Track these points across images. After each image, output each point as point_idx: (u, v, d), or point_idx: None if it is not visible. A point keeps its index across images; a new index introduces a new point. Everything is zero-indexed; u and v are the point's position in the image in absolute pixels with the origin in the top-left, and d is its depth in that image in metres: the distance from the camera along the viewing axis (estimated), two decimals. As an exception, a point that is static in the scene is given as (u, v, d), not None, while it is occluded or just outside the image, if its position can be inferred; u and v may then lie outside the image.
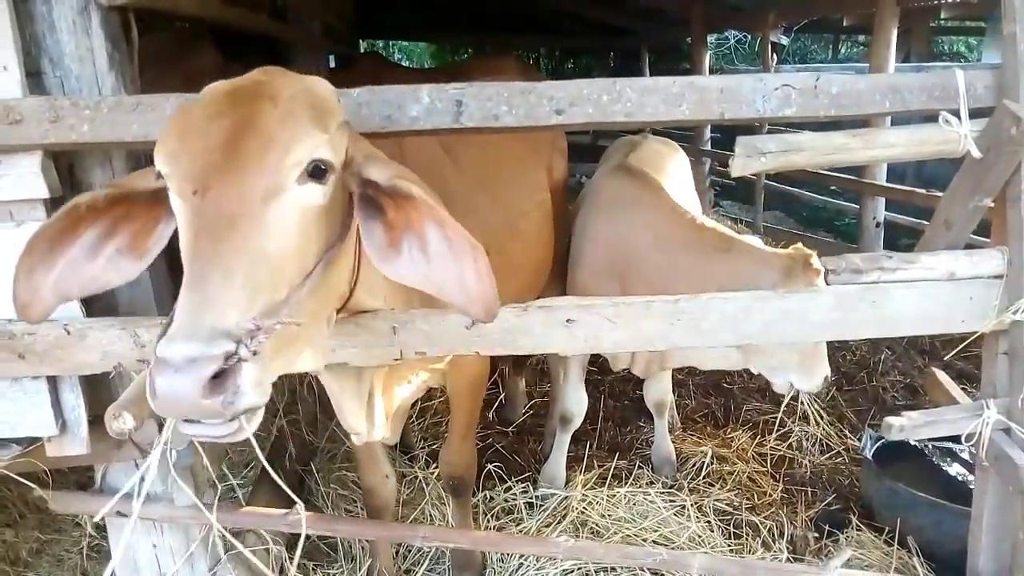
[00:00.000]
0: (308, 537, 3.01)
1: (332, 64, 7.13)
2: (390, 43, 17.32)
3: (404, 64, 16.32)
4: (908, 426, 2.24)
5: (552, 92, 1.96)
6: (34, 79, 1.94)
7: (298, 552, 2.13)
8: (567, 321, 2.05)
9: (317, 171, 1.45)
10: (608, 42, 13.23)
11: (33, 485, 1.96)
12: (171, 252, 1.53)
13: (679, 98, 1.99)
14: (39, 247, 1.60)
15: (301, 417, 3.21)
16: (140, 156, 2.07)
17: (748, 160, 2.08)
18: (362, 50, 11.14)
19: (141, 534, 2.25)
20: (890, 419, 2.27)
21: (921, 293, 2.12)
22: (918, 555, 2.85)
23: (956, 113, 2.04)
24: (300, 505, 2.24)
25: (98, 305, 2.01)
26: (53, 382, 1.99)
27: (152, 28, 2.52)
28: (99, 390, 2.05)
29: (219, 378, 1.19)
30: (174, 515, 2.16)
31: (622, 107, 1.98)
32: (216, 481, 2.28)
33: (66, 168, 2.00)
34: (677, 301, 2.07)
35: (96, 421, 2.03)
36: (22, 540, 2.94)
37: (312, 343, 1.66)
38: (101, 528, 2.78)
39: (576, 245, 3.28)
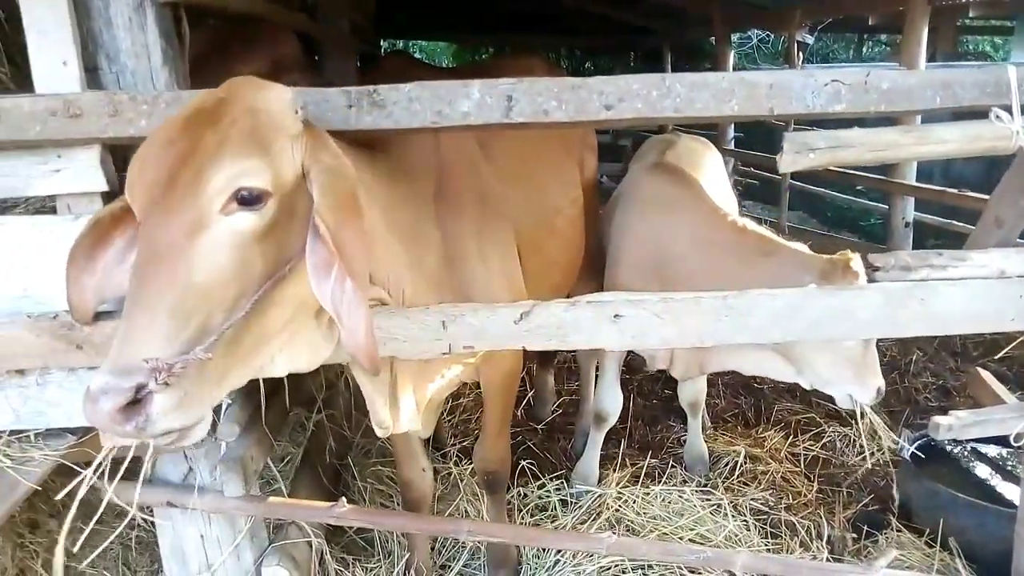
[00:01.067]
0: (347, 531, 3.04)
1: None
2: (409, 43, 17.37)
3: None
4: (957, 425, 2.23)
5: (602, 87, 1.96)
6: (91, 75, 1.98)
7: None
8: (615, 316, 2.05)
9: (248, 198, 1.47)
10: (629, 42, 13.20)
11: (88, 473, 1.98)
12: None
13: (729, 93, 1.98)
14: (79, 255, 1.70)
15: (341, 411, 3.23)
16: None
17: (797, 156, 2.07)
18: (383, 50, 11.20)
19: (189, 525, 2.28)
20: (938, 418, 2.26)
21: (971, 291, 2.10)
22: (960, 556, 2.83)
23: (1008, 109, 2.03)
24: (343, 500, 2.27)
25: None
26: (108, 373, 2.01)
27: (198, 24, 2.58)
28: (152, 381, 2.07)
29: (133, 406, 1.32)
30: (222, 506, 2.19)
31: (672, 102, 1.98)
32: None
33: (121, 161, 2.03)
34: (725, 297, 2.07)
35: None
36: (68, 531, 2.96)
37: (300, 346, 1.74)
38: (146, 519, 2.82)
39: (614, 243, 3.27)
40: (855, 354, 2.69)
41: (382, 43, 11.85)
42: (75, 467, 2.00)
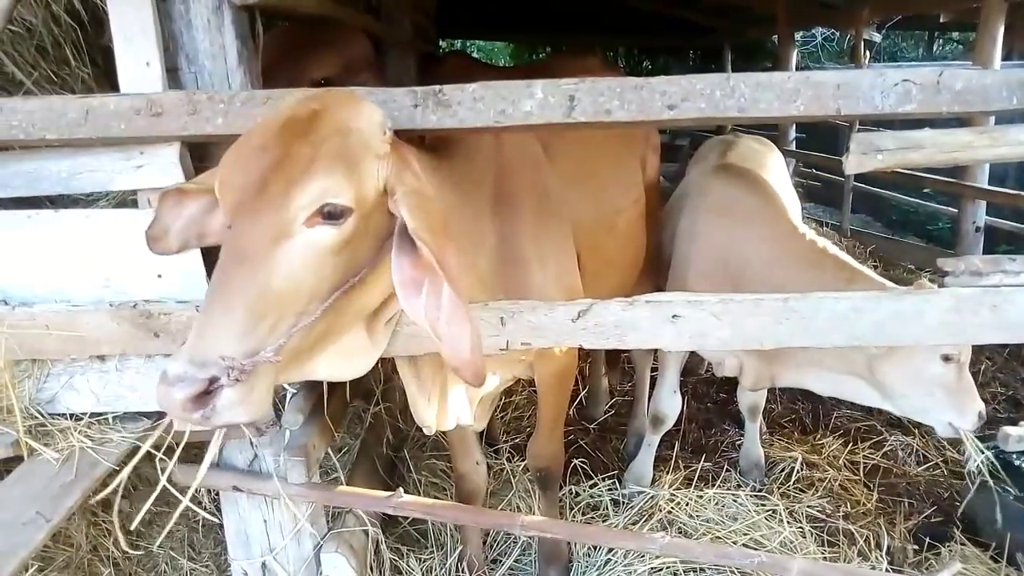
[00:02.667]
0: (401, 522, 3.10)
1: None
2: (466, 43, 17.48)
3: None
4: (1028, 437, 2.16)
5: (665, 87, 1.96)
6: (171, 75, 2.06)
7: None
8: (673, 316, 2.04)
9: (332, 213, 1.54)
10: (689, 41, 13.04)
11: (164, 457, 2.08)
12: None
13: (794, 94, 1.96)
14: (169, 200, 1.81)
15: (397, 404, 3.29)
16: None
17: (864, 158, 2.03)
18: (441, 50, 11.29)
19: (253, 509, 2.36)
20: (1008, 429, 2.20)
21: (1046, 298, 2.03)
22: (1028, 573, 2.73)
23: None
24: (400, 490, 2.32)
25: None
26: (183, 360, 2.10)
27: (270, 27, 2.66)
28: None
29: (203, 396, 1.41)
30: (286, 492, 2.25)
31: (735, 102, 1.96)
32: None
33: (197, 159, 2.12)
34: (787, 300, 2.04)
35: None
36: (135, 511, 3.10)
37: (354, 347, 1.83)
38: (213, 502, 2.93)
39: (681, 249, 3.20)
40: (949, 379, 2.52)
41: (440, 43, 11.95)
42: (151, 450, 2.09)
